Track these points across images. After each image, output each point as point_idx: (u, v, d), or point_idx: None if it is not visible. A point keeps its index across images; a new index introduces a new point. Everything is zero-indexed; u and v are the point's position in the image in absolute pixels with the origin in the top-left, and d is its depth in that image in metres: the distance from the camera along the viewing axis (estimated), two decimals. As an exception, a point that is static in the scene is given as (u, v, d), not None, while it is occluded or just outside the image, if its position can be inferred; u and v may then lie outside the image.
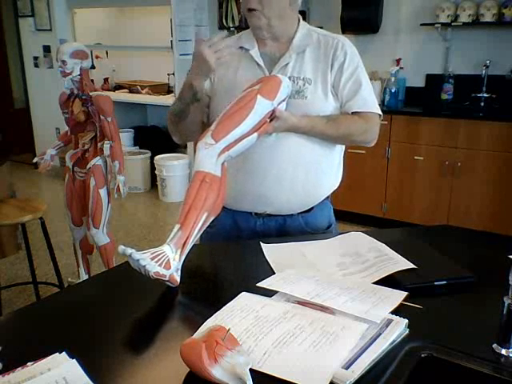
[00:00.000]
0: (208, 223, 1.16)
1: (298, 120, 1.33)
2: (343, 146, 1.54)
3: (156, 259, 1.02)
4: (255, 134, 1.25)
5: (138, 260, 0.99)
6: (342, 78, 1.40)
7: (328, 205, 1.56)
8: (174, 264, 1.05)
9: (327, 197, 1.54)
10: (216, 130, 1.21)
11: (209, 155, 1.18)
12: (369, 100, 1.42)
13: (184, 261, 1.09)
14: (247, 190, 1.43)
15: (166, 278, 1.04)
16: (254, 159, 1.39)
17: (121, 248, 1.00)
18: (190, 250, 1.11)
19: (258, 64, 1.42)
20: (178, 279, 1.06)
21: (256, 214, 1.47)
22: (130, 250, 1.00)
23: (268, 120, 1.29)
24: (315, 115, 1.38)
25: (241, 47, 1.45)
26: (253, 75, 1.39)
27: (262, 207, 1.46)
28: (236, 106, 1.24)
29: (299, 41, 1.42)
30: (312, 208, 1.49)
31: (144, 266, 0.99)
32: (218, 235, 1.47)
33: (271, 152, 1.39)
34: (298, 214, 1.48)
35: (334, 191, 1.55)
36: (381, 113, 1.46)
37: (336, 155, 1.50)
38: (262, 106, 1.24)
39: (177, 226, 1.10)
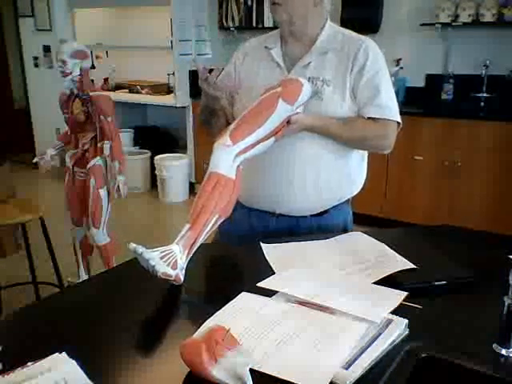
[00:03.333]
0: (217, 225, 1.16)
1: (313, 120, 1.33)
2: (364, 154, 1.53)
3: (165, 259, 1.03)
4: (272, 139, 1.25)
5: (147, 260, 1.00)
6: (360, 81, 1.38)
7: (345, 210, 1.54)
8: (181, 264, 1.06)
9: (346, 201, 1.53)
10: (235, 131, 1.21)
11: (225, 157, 1.18)
12: (386, 106, 1.38)
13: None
14: (259, 187, 1.44)
15: (172, 278, 1.04)
16: (266, 159, 1.38)
17: (132, 246, 1.02)
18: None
19: (277, 63, 1.43)
20: (182, 278, 1.07)
21: (270, 213, 1.47)
22: (140, 249, 1.01)
23: (285, 123, 1.28)
24: (330, 117, 1.36)
25: (265, 47, 1.47)
26: (272, 75, 1.40)
27: (273, 207, 1.46)
28: (256, 108, 1.23)
29: (322, 42, 1.41)
30: (326, 211, 1.48)
31: (153, 266, 1.00)
32: (233, 231, 1.47)
33: (283, 153, 1.39)
34: (311, 216, 1.47)
35: (354, 197, 1.53)
36: (400, 120, 1.41)
37: (352, 161, 1.48)
38: (282, 110, 1.23)
39: (187, 226, 1.10)
